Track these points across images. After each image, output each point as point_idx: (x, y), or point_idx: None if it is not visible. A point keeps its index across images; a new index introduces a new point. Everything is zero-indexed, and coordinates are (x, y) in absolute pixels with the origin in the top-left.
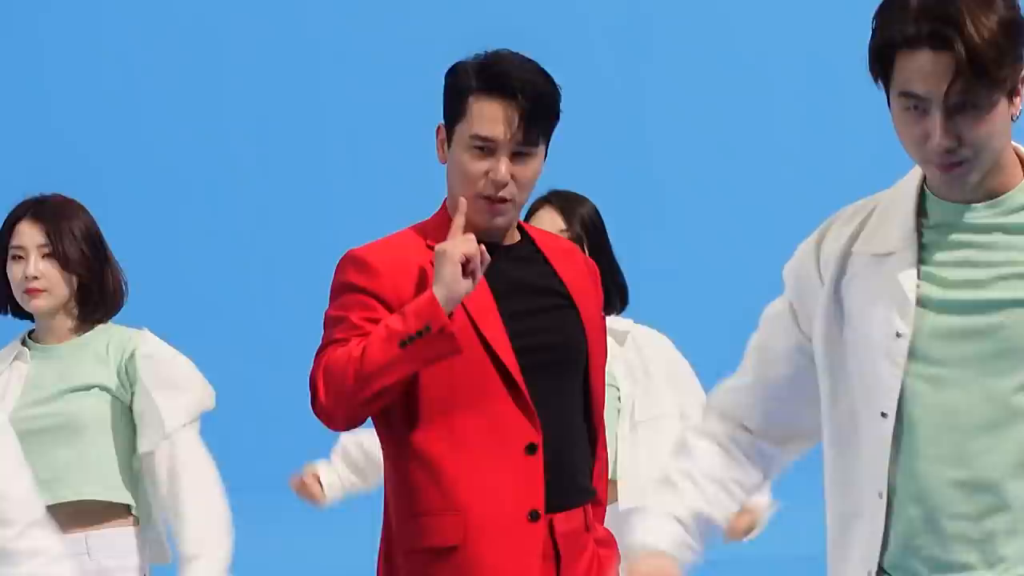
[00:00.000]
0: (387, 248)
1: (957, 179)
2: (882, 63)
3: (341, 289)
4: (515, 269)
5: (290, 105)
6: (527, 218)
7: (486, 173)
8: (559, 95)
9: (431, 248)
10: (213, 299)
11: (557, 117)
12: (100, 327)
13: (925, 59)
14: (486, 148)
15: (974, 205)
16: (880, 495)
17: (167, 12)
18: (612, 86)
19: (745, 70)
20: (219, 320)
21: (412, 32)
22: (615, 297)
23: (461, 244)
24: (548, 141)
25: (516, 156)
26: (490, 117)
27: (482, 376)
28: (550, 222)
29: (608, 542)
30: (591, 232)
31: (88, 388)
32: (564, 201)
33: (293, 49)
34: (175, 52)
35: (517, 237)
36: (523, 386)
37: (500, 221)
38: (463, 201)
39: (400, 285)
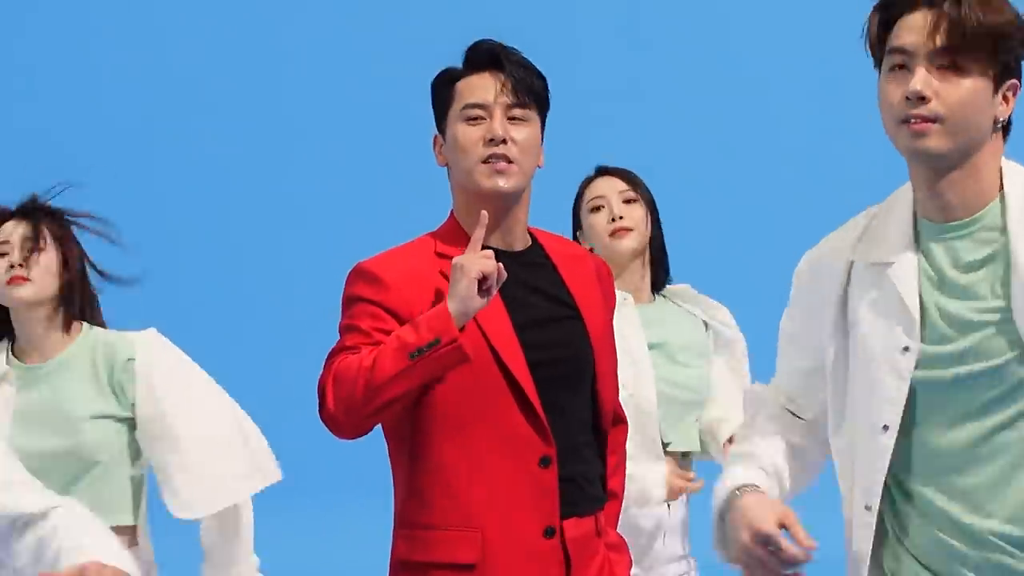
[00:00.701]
0: (396, 260)
1: (924, 143)
2: (881, 34)
3: (351, 301)
4: (526, 277)
5: (290, 105)
6: (583, 190)
7: (483, 137)
8: (546, 80)
9: (441, 256)
10: (211, 300)
11: (546, 94)
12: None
13: (919, 16)
14: (479, 116)
15: (950, 225)
16: (869, 508)
17: (163, 13)
18: (613, 85)
19: (744, 71)
20: (217, 321)
21: (412, 32)
22: (663, 272)
23: (479, 261)
24: (542, 117)
25: (511, 120)
26: (478, 86)
27: (494, 389)
28: (609, 186)
29: (619, 547)
30: (653, 204)
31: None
32: (622, 171)
33: (291, 49)
34: (172, 53)
35: (528, 242)
36: (535, 399)
37: (505, 183)
38: (484, 214)
39: (410, 297)
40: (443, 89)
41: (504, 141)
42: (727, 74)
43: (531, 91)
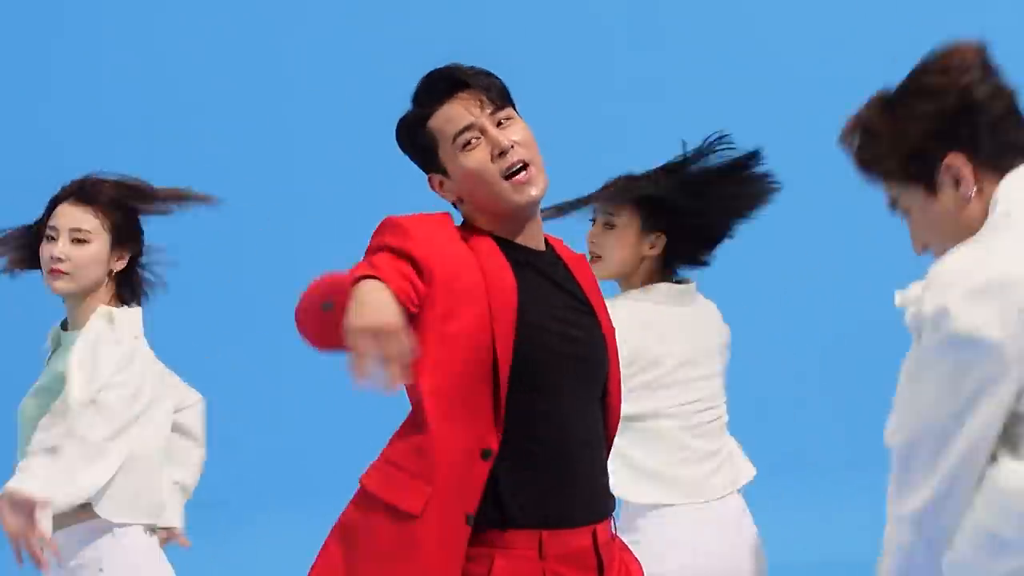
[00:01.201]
0: (425, 218)
1: None
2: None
3: (374, 250)
4: (552, 274)
5: (290, 105)
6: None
7: (490, 154)
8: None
9: (465, 238)
10: (213, 301)
11: (503, 83)
12: None
13: None
14: (473, 138)
15: None
16: None
17: (164, 13)
18: (614, 85)
19: (751, 72)
20: (218, 321)
21: (412, 33)
22: None
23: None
24: (516, 109)
25: (500, 127)
26: (455, 114)
27: (478, 374)
28: None
29: (623, 547)
30: None
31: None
32: None
33: (291, 49)
34: (172, 53)
35: (544, 245)
36: (504, 393)
37: (536, 191)
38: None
39: (432, 250)
40: (416, 134)
41: (512, 147)
42: (738, 75)
43: (501, 92)
